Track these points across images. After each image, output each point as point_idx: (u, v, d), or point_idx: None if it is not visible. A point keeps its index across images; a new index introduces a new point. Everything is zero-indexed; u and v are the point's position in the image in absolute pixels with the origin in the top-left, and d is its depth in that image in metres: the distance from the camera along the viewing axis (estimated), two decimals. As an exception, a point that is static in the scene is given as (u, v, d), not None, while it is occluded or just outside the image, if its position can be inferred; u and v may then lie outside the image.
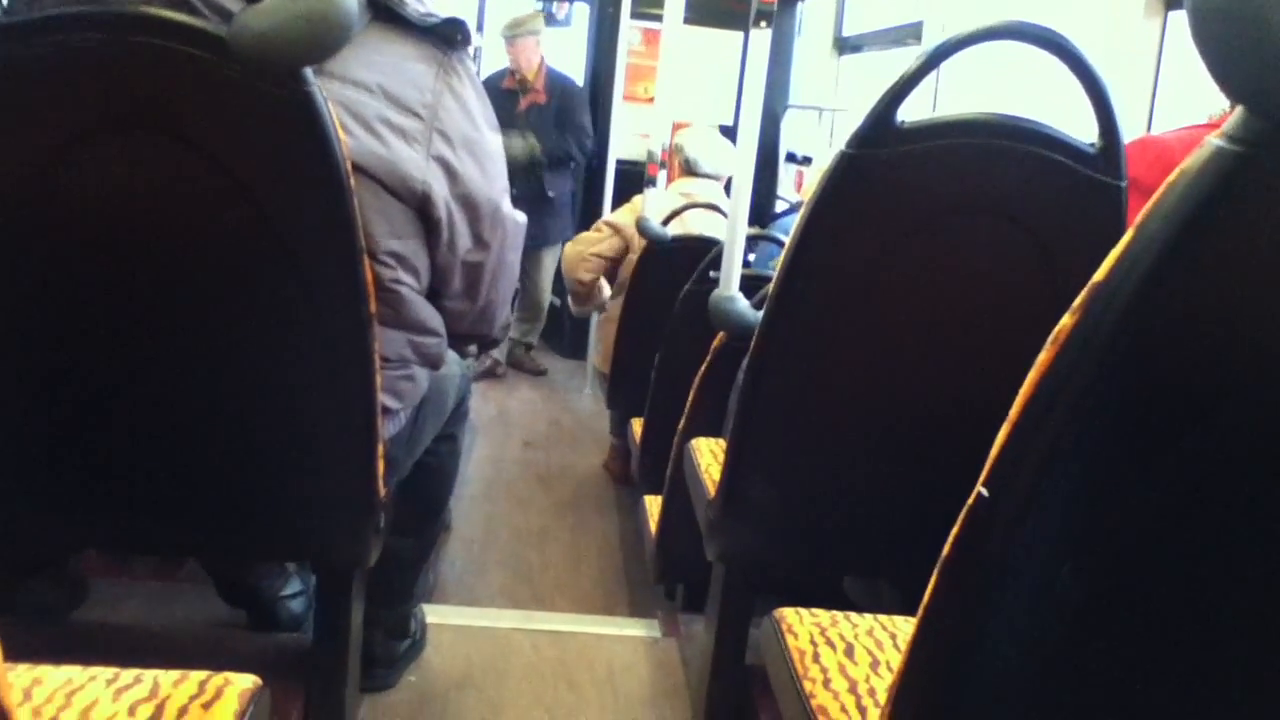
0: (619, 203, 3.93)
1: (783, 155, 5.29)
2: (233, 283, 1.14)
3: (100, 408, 1.20)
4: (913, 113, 1.19)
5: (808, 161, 4.98)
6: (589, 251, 3.53)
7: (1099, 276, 0.56)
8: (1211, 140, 0.51)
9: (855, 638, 1.12)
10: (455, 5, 3.48)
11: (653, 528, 2.19)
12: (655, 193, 3.58)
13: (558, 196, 4.61)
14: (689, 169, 3.61)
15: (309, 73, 1.04)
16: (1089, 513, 0.60)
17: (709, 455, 1.69)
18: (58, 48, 1.01)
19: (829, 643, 1.11)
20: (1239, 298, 0.54)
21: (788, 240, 1.29)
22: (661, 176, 3.73)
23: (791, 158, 5.25)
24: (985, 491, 0.62)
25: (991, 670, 0.67)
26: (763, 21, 1.77)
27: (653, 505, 2.27)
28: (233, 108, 1.05)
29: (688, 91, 4.83)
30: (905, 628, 1.15)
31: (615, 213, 3.75)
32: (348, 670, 1.42)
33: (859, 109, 1.20)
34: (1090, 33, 2.27)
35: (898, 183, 1.20)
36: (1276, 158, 0.49)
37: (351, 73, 1.29)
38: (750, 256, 3.66)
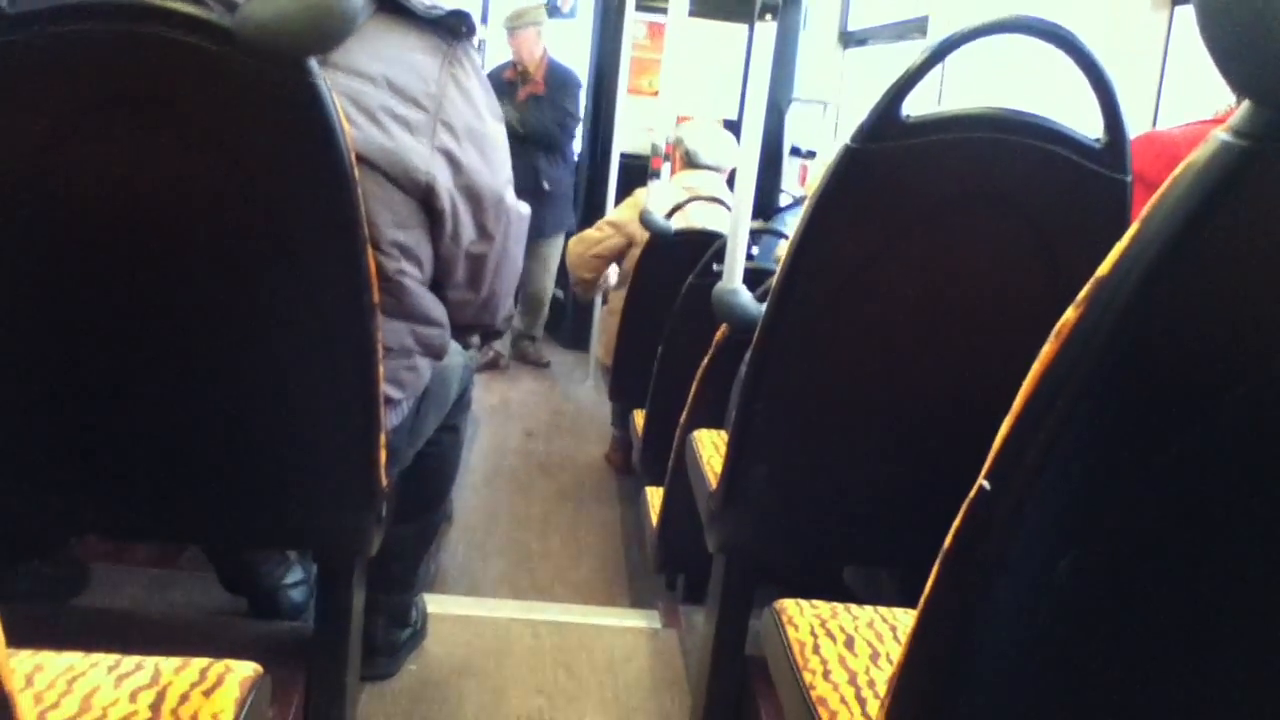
0: (622, 196, 3.93)
1: (787, 149, 5.28)
2: (235, 272, 1.14)
3: (101, 395, 1.21)
4: (918, 107, 1.19)
5: (812, 155, 4.97)
6: (590, 254, 3.58)
7: (1103, 271, 0.56)
8: (1217, 135, 0.51)
9: (855, 629, 1.12)
10: (460, -4, 3.48)
11: (654, 519, 2.20)
12: (658, 186, 3.59)
13: (554, 188, 4.59)
14: (689, 161, 3.63)
15: (313, 63, 1.04)
16: (1090, 506, 0.60)
17: (710, 447, 1.69)
18: (62, 36, 1.01)
19: (829, 634, 1.11)
20: (1243, 292, 0.54)
21: (791, 233, 1.29)
22: (665, 170, 3.73)
23: (796, 152, 5.24)
24: (987, 484, 0.62)
25: (991, 662, 0.68)
26: (768, 15, 1.77)
27: (654, 496, 2.27)
28: (237, 98, 1.05)
29: (692, 85, 4.83)
30: (905, 620, 1.15)
31: (616, 210, 3.78)
32: (348, 658, 1.43)
33: (863, 103, 1.19)
34: (1096, 27, 2.26)
35: (902, 176, 1.19)
36: (1283, 152, 0.49)
37: (356, 64, 1.29)
38: (754, 250, 3.66)
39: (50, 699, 0.86)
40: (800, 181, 5.03)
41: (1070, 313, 0.57)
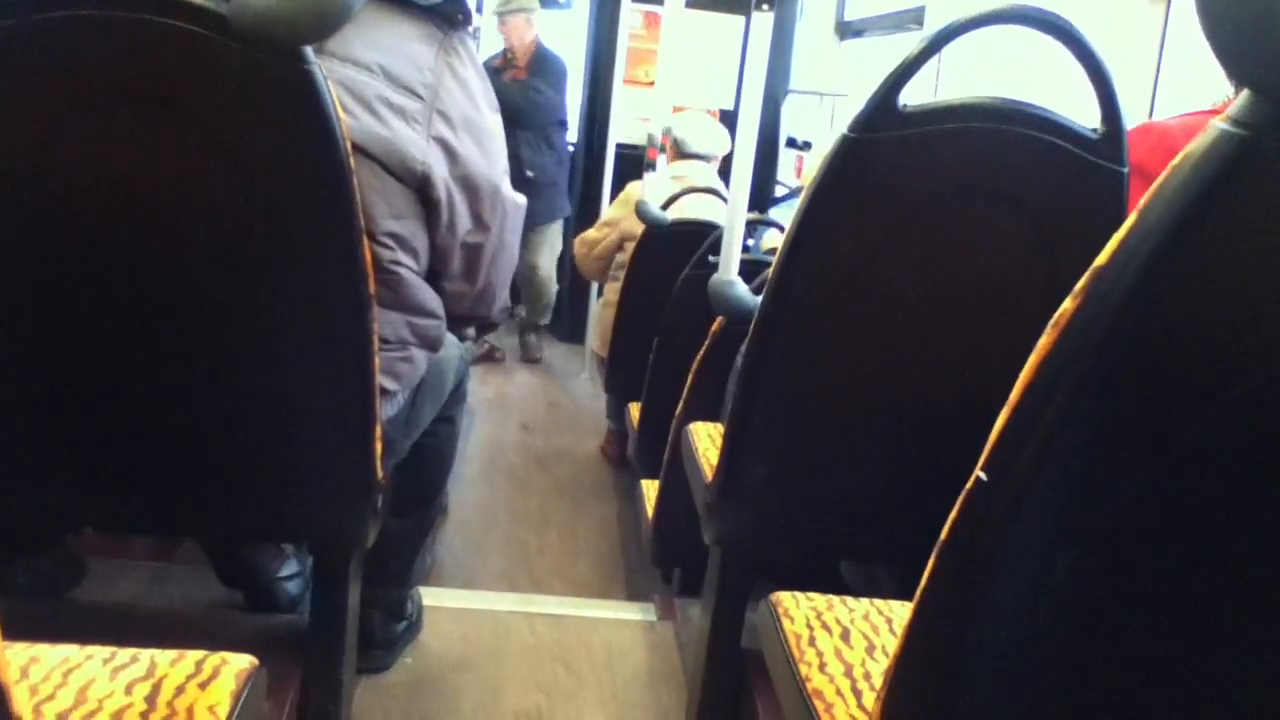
0: (618, 186, 3.92)
1: (783, 140, 5.27)
2: (230, 263, 1.14)
3: (97, 387, 1.20)
4: (915, 98, 1.19)
5: (808, 146, 4.96)
6: (593, 255, 3.65)
7: (1101, 261, 0.55)
8: (1216, 124, 0.51)
9: (851, 622, 1.12)
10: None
11: (650, 512, 2.20)
12: (653, 177, 3.58)
13: (538, 177, 4.54)
14: (679, 150, 3.65)
15: (309, 51, 1.04)
16: (1087, 498, 0.60)
17: (707, 440, 1.69)
18: (59, 22, 1.01)
19: (825, 627, 1.11)
20: (1242, 282, 0.53)
21: (788, 224, 1.28)
22: (661, 160, 3.73)
23: (792, 143, 5.23)
24: (984, 476, 0.62)
25: (986, 655, 0.68)
26: (764, 5, 1.76)
27: (650, 489, 2.27)
28: (233, 86, 1.04)
29: (688, 75, 4.81)
30: (901, 612, 1.15)
31: (610, 208, 3.81)
32: (344, 651, 1.43)
33: (860, 94, 1.19)
34: (1093, 18, 2.26)
35: (899, 166, 1.19)
36: (1281, 142, 0.49)
37: (352, 52, 1.28)
38: (749, 241, 3.66)
39: (46, 691, 0.86)
40: (796, 173, 5.02)
41: (1068, 303, 0.57)
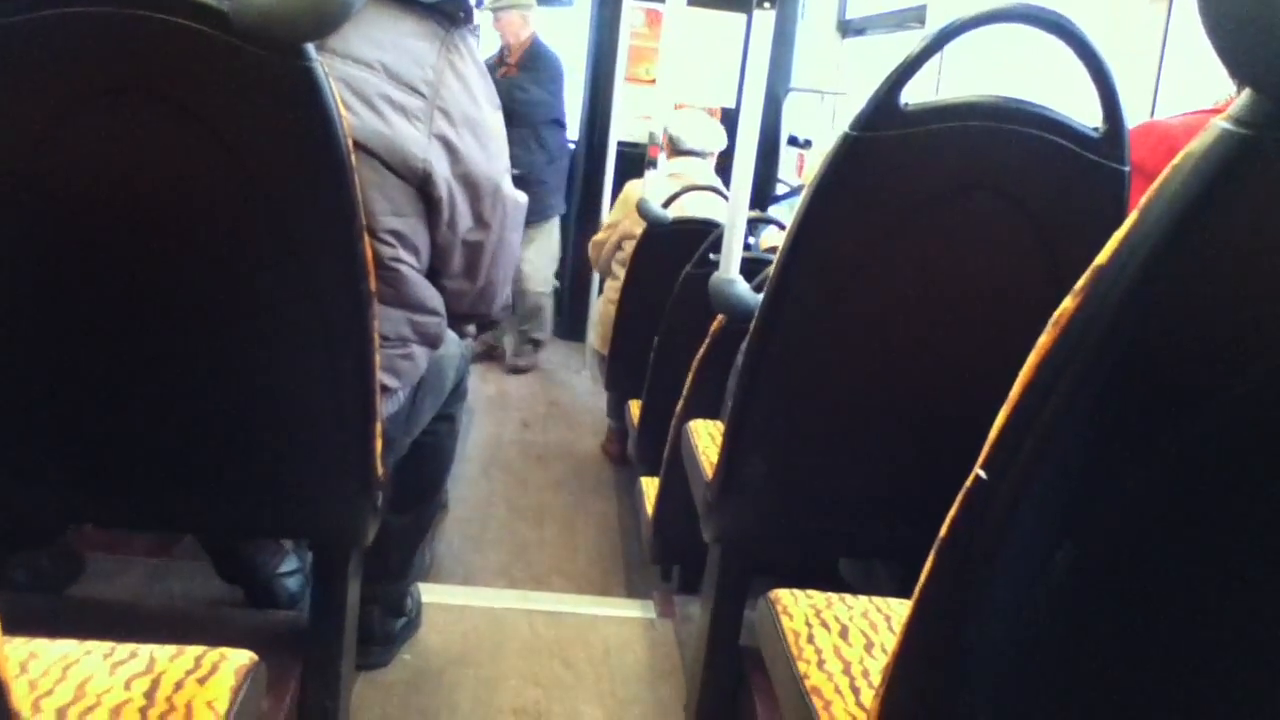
0: (620, 184, 3.92)
1: (784, 139, 5.27)
2: (230, 259, 1.14)
3: (96, 383, 1.20)
4: (917, 97, 1.19)
5: (809, 145, 4.96)
6: (601, 257, 3.72)
7: (1102, 259, 0.55)
8: (1217, 123, 0.51)
9: (850, 619, 1.13)
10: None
11: (649, 509, 2.20)
12: (653, 175, 3.59)
13: (526, 175, 4.44)
14: (674, 147, 3.69)
15: (311, 49, 1.04)
16: (1086, 497, 0.60)
17: (707, 437, 1.69)
18: (59, 19, 1.00)
19: (824, 624, 1.11)
20: (1242, 281, 0.53)
21: (789, 223, 1.28)
22: (662, 158, 3.74)
23: (793, 141, 5.22)
24: (983, 474, 0.62)
25: (985, 653, 0.68)
26: (766, 3, 1.76)
27: (649, 487, 2.27)
28: (234, 83, 1.04)
29: (690, 73, 4.81)
30: (900, 610, 1.15)
31: (612, 210, 3.86)
32: (343, 647, 1.43)
33: (862, 93, 1.19)
34: (1095, 17, 2.26)
35: (900, 165, 1.19)
36: (1283, 141, 0.49)
37: (354, 49, 1.28)
38: (750, 240, 3.66)
39: (45, 686, 0.86)
40: (797, 171, 5.02)
41: (1068, 302, 0.57)
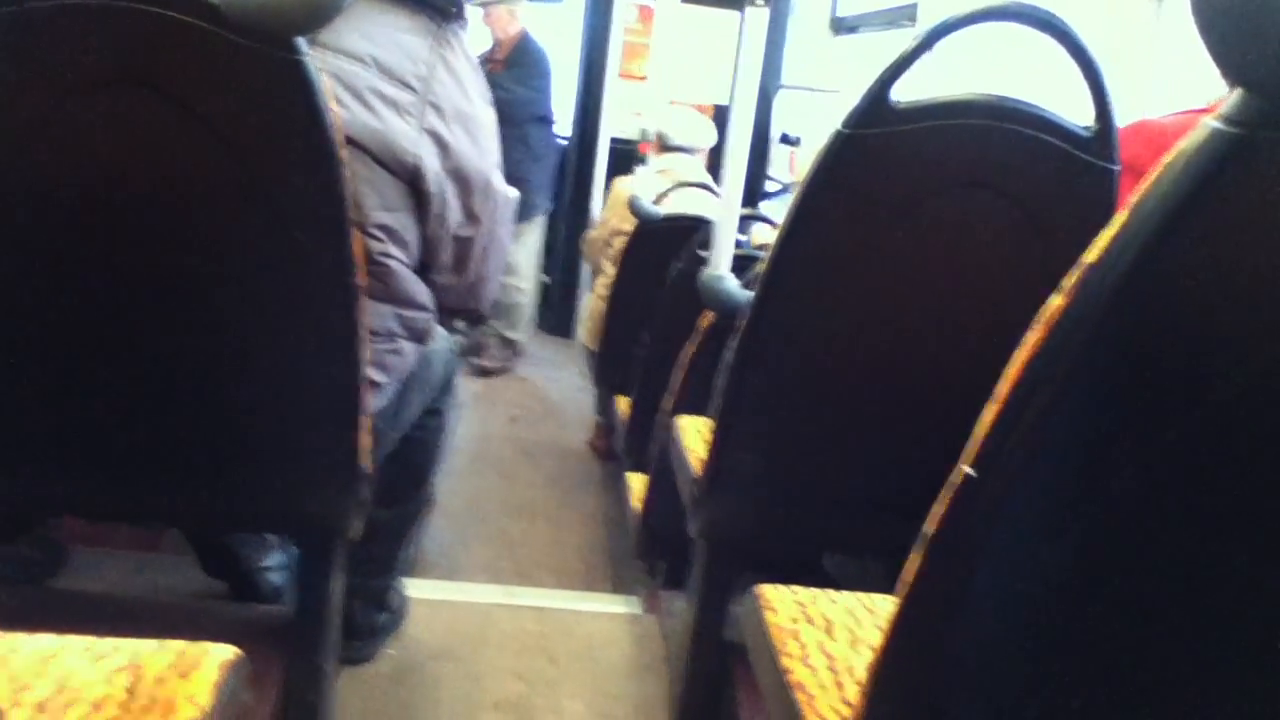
0: (611, 180, 3.92)
1: (776, 136, 5.26)
2: (220, 250, 1.13)
3: (81, 374, 1.19)
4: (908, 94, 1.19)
5: (799, 143, 4.96)
6: (594, 254, 3.76)
7: (1091, 257, 0.55)
8: (1208, 122, 0.51)
9: (835, 615, 1.13)
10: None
11: (636, 505, 2.20)
12: (644, 171, 3.59)
13: (509, 173, 4.41)
14: (662, 144, 3.70)
15: (302, 42, 1.03)
16: (1073, 494, 0.60)
17: (695, 434, 1.69)
18: (53, 9, 1.00)
19: (809, 619, 1.11)
20: (1232, 280, 0.53)
21: (780, 220, 1.28)
22: (652, 154, 3.74)
23: (785, 139, 5.22)
24: (971, 471, 0.61)
25: (972, 649, 0.68)
26: (759, 0, 1.76)
27: (636, 483, 2.27)
28: (225, 76, 1.04)
29: (682, 70, 4.81)
30: (885, 606, 1.15)
31: (603, 208, 3.88)
32: (327, 642, 1.42)
33: (853, 91, 1.19)
34: (1086, 15, 2.26)
35: (892, 163, 1.19)
36: (1274, 140, 0.49)
37: (345, 44, 1.28)
38: (741, 237, 3.66)
39: (25, 680, 0.85)
40: (789, 169, 5.02)
41: (1056, 299, 0.57)
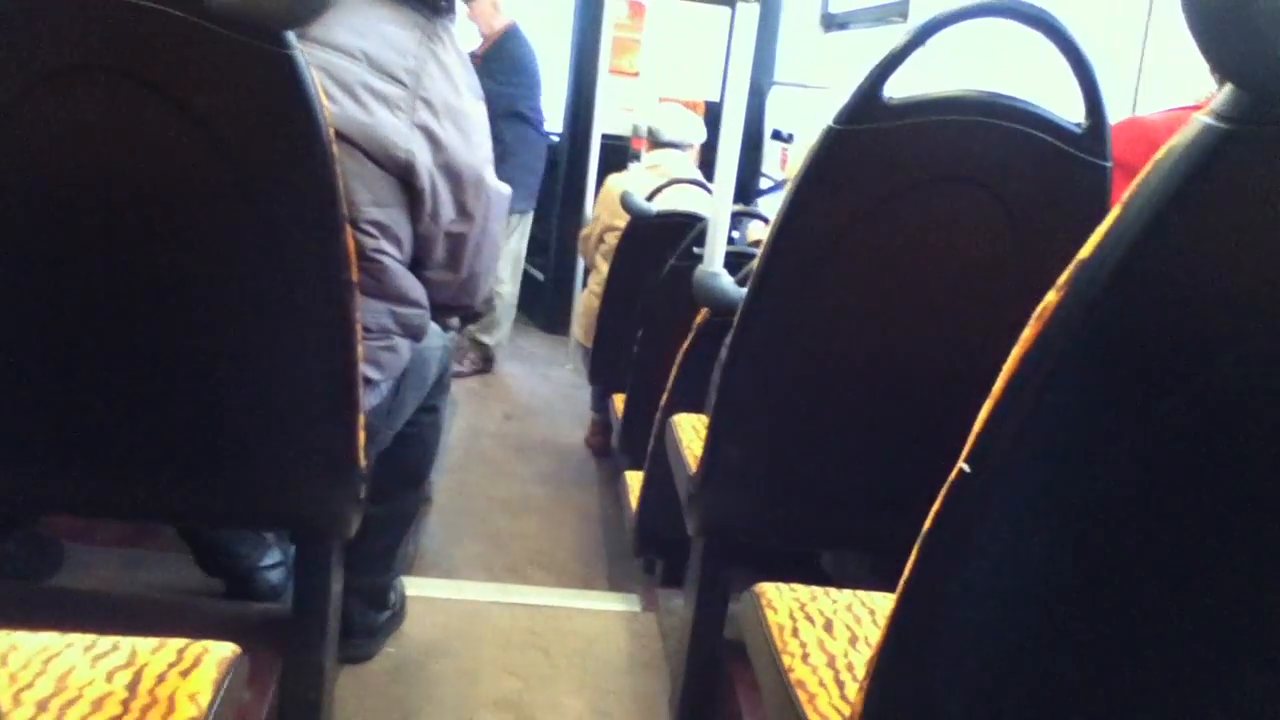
0: (603, 176, 3.92)
1: (768, 133, 5.26)
2: (211, 249, 1.13)
3: (74, 369, 1.19)
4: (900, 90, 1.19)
5: (791, 139, 4.95)
6: (588, 252, 3.74)
7: (1084, 253, 0.56)
8: (1199, 118, 0.51)
9: (834, 613, 1.13)
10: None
11: (633, 502, 2.20)
12: (636, 167, 3.59)
13: None
14: (653, 139, 3.71)
15: (292, 36, 1.03)
16: (1071, 490, 0.60)
17: (690, 431, 1.69)
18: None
19: (808, 618, 1.11)
20: (1223, 274, 0.54)
21: (773, 217, 1.28)
22: (644, 151, 3.74)
23: (777, 135, 5.22)
24: (967, 467, 0.62)
25: (969, 646, 0.68)
26: (751, -4, 1.76)
27: (633, 480, 2.27)
28: (214, 70, 1.03)
29: (673, 66, 4.81)
30: (884, 603, 1.16)
31: (595, 205, 3.88)
32: (326, 640, 1.42)
33: (845, 87, 1.19)
34: (1077, 11, 2.26)
35: (884, 158, 1.19)
36: (1264, 135, 0.49)
37: (335, 38, 1.28)
38: (735, 234, 3.66)
39: (25, 679, 0.85)
40: (781, 165, 5.01)
41: (1051, 296, 0.57)
